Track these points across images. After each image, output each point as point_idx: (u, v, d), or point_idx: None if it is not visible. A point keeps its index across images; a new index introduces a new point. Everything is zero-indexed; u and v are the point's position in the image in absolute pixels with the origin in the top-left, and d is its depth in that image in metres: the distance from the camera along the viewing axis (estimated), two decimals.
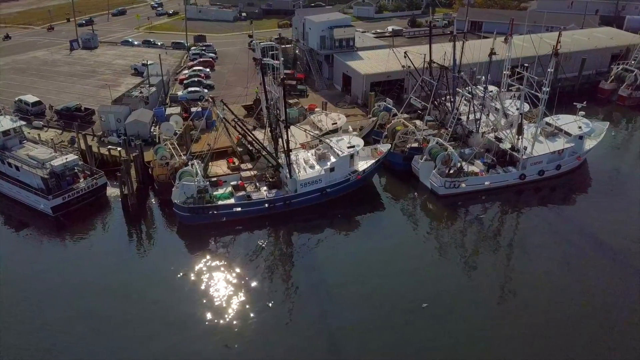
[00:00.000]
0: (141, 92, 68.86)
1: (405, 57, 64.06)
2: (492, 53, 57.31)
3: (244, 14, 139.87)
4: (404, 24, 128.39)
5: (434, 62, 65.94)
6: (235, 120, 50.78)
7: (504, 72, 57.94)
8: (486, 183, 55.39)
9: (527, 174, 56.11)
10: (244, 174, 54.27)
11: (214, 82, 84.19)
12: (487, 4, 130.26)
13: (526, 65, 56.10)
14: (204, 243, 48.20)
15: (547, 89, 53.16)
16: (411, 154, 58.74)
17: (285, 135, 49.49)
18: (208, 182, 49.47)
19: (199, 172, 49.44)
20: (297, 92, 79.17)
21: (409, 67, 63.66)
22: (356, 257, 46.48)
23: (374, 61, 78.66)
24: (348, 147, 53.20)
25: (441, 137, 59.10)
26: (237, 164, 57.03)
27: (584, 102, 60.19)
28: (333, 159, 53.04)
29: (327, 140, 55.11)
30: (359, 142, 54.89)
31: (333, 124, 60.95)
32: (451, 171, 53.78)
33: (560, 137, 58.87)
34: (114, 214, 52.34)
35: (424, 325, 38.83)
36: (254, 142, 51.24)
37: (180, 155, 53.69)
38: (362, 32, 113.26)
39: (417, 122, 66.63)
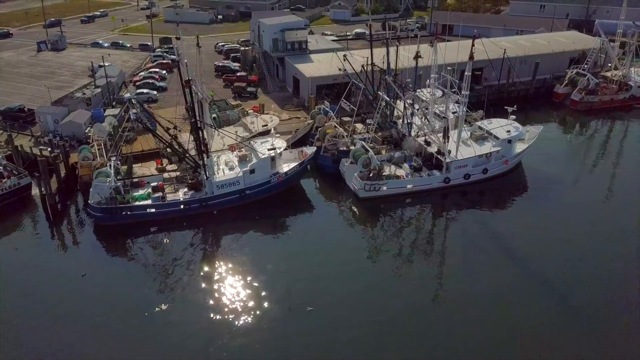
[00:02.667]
0: (84, 94, 69.46)
1: (344, 60, 64.35)
2: (417, 56, 57.35)
3: (220, 17, 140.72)
4: (377, 27, 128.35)
5: (375, 66, 66.18)
6: (144, 123, 51.08)
7: (432, 76, 57.77)
8: (409, 186, 55.31)
9: (452, 177, 55.96)
10: (166, 175, 54.73)
11: (169, 84, 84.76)
12: (461, 8, 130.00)
13: (449, 68, 56.06)
14: (115, 243, 48.57)
15: (467, 92, 53.23)
16: (339, 157, 58.79)
17: (200, 136, 49.87)
18: (120, 183, 49.79)
19: (113, 172, 49.87)
20: (247, 94, 79.66)
21: (345, 70, 63.77)
22: (267, 259, 46.34)
23: (324, 64, 78.68)
24: (269, 149, 53.40)
25: (374, 141, 59.28)
26: (164, 165, 57.51)
27: (515, 106, 59.99)
28: (254, 161, 53.27)
29: (252, 142, 55.45)
30: (281, 144, 55.01)
31: (263, 125, 61.21)
32: (371, 174, 53.79)
33: (489, 141, 58.69)
34: (34, 214, 52.85)
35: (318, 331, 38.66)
36: (166, 143, 51.54)
37: (103, 156, 54.13)
38: (329, 34, 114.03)
39: (359, 125, 67.02)
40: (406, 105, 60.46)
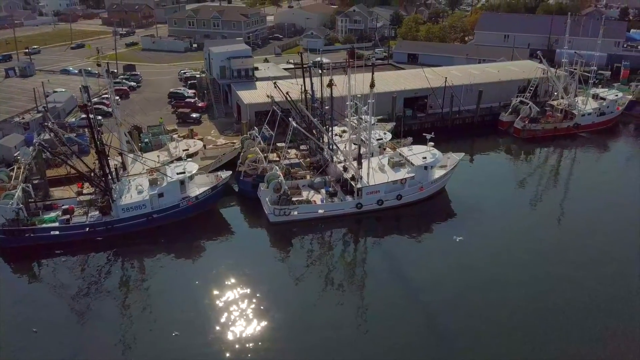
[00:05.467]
0: (23, 118, 71.05)
1: (275, 87, 65.38)
2: (330, 84, 58.26)
3: (195, 45, 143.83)
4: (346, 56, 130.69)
5: (308, 93, 67.33)
6: (47, 148, 52.18)
7: (347, 103, 58.50)
8: (320, 211, 55.43)
9: (364, 203, 56.01)
10: (81, 197, 55.40)
11: (121, 109, 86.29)
12: (428, 37, 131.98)
13: (358, 95, 56.85)
14: (16, 265, 49.28)
15: (374, 118, 53.92)
16: (258, 182, 59.20)
17: (105, 159, 50.83)
18: (23, 206, 50.40)
19: (22, 195, 50.71)
20: (190, 119, 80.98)
21: (273, 97, 64.69)
22: (171, 284, 46.35)
23: (270, 92, 79.79)
24: (178, 173, 54.01)
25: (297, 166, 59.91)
26: (84, 188, 58.22)
27: (432, 133, 60.22)
28: (164, 184, 53.82)
29: (166, 166, 56.14)
30: (192, 168, 55.59)
31: (184, 150, 61.99)
32: (280, 199, 54.06)
33: (406, 167, 58.85)
34: None
35: None
36: (72, 167, 52.44)
37: (18, 179, 55.00)
38: (292, 62, 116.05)
39: (292, 151, 67.86)
40: (328, 131, 61.28)
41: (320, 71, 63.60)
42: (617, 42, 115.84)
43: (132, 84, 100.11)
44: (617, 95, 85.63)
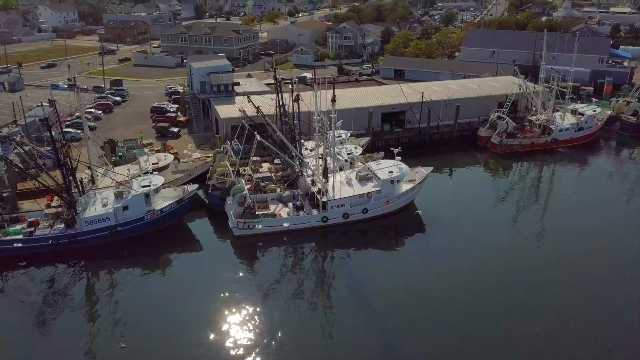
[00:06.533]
0: (0, 132, 71.89)
1: (249, 102, 65.99)
2: (297, 99, 58.83)
3: (185, 61, 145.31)
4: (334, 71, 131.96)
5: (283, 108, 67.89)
6: (11, 162, 52.80)
7: (314, 118, 59.00)
8: (285, 225, 55.58)
9: (330, 216, 56.14)
10: (48, 210, 55.78)
11: (102, 124, 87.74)
12: (415, 53, 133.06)
13: (323, 111, 57.33)
14: None
15: (347, 133, 54.45)
16: (226, 195, 59.49)
17: (72, 173, 51.30)
18: None
19: None
20: (169, 133, 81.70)
21: (245, 112, 65.23)
22: (134, 298, 46.48)
23: (245, 106, 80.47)
24: (143, 186, 54.39)
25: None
26: (53, 201, 58.62)
27: (399, 148, 60.46)
28: (129, 197, 54.17)
29: (133, 179, 56.55)
30: (157, 181, 55.96)
31: (154, 163, 62.46)
32: (244, 212, 54.27)
33: (373, 181, 59.05)
34: None
35: None
36: (38, 180, 52.97)
37: None
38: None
39: (265, 164, 68.29)
40: (300, 146, 61.80)
41: (291, 86, 64.20)
42: (601, 58, 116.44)
43: (117, 98, 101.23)
44: (595, 111, 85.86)
